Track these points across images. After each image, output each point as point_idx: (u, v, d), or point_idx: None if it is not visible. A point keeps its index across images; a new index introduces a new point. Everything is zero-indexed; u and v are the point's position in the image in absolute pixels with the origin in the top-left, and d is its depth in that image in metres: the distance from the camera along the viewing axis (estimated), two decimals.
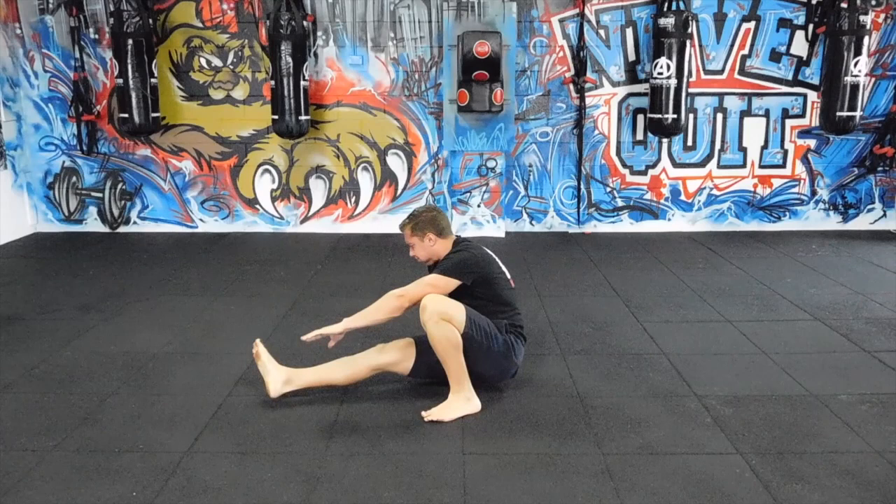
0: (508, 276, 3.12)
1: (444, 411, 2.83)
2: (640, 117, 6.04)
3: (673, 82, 5.55)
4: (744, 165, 6.18)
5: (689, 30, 5.51)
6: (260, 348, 2.98)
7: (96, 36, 5.90)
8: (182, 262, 5.29)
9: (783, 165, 6.19)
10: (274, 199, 6.25)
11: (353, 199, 6.25)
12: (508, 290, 3.06)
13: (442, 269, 2.95)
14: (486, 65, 5.40)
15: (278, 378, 2.93)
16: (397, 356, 2.98)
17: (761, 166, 6.19)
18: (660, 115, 5.63)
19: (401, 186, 6.22)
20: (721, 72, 5.97)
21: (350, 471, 2.47)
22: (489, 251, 3.13)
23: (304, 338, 2.89)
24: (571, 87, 5.94)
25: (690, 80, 5.74)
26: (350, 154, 6.14)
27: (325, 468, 2.49)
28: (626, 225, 6.28)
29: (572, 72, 5.93)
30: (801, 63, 5.96)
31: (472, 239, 3.21)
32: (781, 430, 2.73)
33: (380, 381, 3.17)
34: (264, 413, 2.89)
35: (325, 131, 6.08)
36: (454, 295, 2.92)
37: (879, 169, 6.08)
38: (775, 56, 5.95)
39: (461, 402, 2.86)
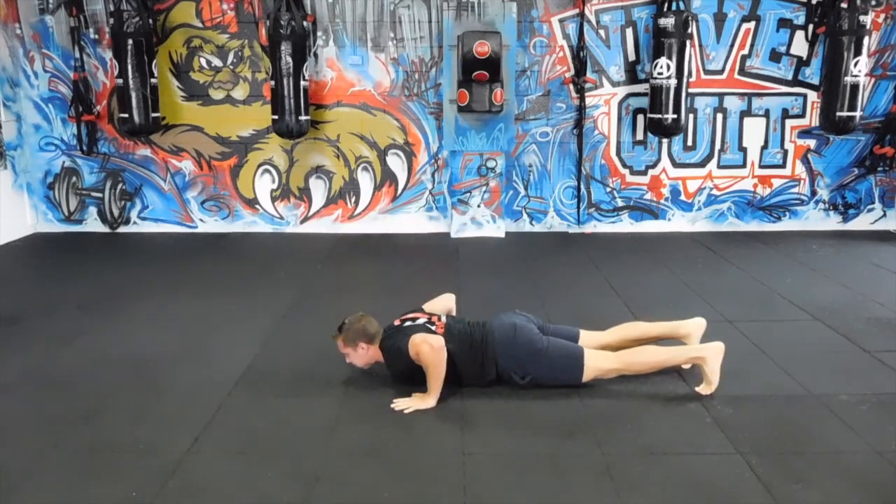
0: (433, 329, 3.10)
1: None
2: (640, 117, 6.04)
3: (673, 82, 5.55)
4: (744, 165, 6.18)
5: (689, 30, 5.51)
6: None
7: (96, 36, 5.90)
8: (182, 262, 5.29)
9: (783, 165, 6.19)
10: (274, 199, 6.25)
11: (353, 199, 6.25)
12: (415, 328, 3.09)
13: (406, 349, 2.96)
14: (486, 65, 5.39)
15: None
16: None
17: (761, 166, 6.19)
18: (660, 115, 5.63)
19: (401, 186, 6.22)
20: (721, 72, 5.97)
21: (350, 471, 2.47)
22: (406, 324, 3.17)
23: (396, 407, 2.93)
24: (571, 87, 5.94)
25: (690, 80, 5.73)
26: (350, 154, 6.14)
27: (325, 468, 2.49)
28: (626, 225, 6.28)
29: (572, 72, 5.93)
30: (801, 63, 5.96)
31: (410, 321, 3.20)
32: (781, 430, 2.73)
33: (379, 380, 3.17)
34: (264, 413, 2.89)
35: (325, 131, 6.08)
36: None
37: (879, 169, 6.07)
38: (775, 56, 5.95)
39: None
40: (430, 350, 2.90)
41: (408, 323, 3.17)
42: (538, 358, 3.03)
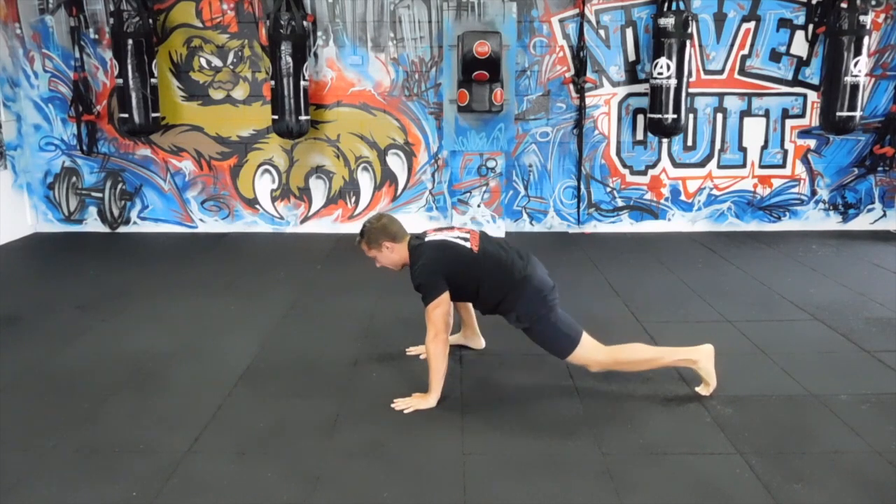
0: (468, 245, 3.01)
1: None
2: (640, 117, 6.04)
3: (673, 82, 5.55)
4: (744, 165, 6.18)
5: (689, 30, 5.51)
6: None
7: (96, 36, 5.90)
8: (182, 262, 5.29)
9: (783, 165, 6.19)
10: (274, 199, 6.25)
11: (353, 199, 6.25)
12: (475, 262, 2.98)
13: (423, 297, 2.94)
14: (486, 65, 5.39)
15: None
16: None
17: (761, 166, 6.19)
18: (660, 115, 5.63)
19: (401, 186, 6.22)
20: (721, 72, 5.97)
21: (350, 471, 2.47)
22: (439, 237, 3.06)
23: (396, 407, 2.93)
24: (571, 87, 5.94)
25: (690, 80, 5.73)
26: (350, 154, 6.14)
27: (325, 468, 2.49)
28: (626, 225, 6.28)
29: (572, 72, 5.93)
30: (801, 63, 5.96)
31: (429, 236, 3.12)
32: (781, 430, 2.74)
33: (379, 380, 3.17)
34: (264, 413, 2.89)
35: (325, 131, 6.08)
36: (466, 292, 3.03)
37: (879, 169, 6.08)
38: (775, 56, 5.95)
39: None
40: (434, 335, 2.88)
41: (439, 236, 3.06)
42: (549, 319, 2.98)
